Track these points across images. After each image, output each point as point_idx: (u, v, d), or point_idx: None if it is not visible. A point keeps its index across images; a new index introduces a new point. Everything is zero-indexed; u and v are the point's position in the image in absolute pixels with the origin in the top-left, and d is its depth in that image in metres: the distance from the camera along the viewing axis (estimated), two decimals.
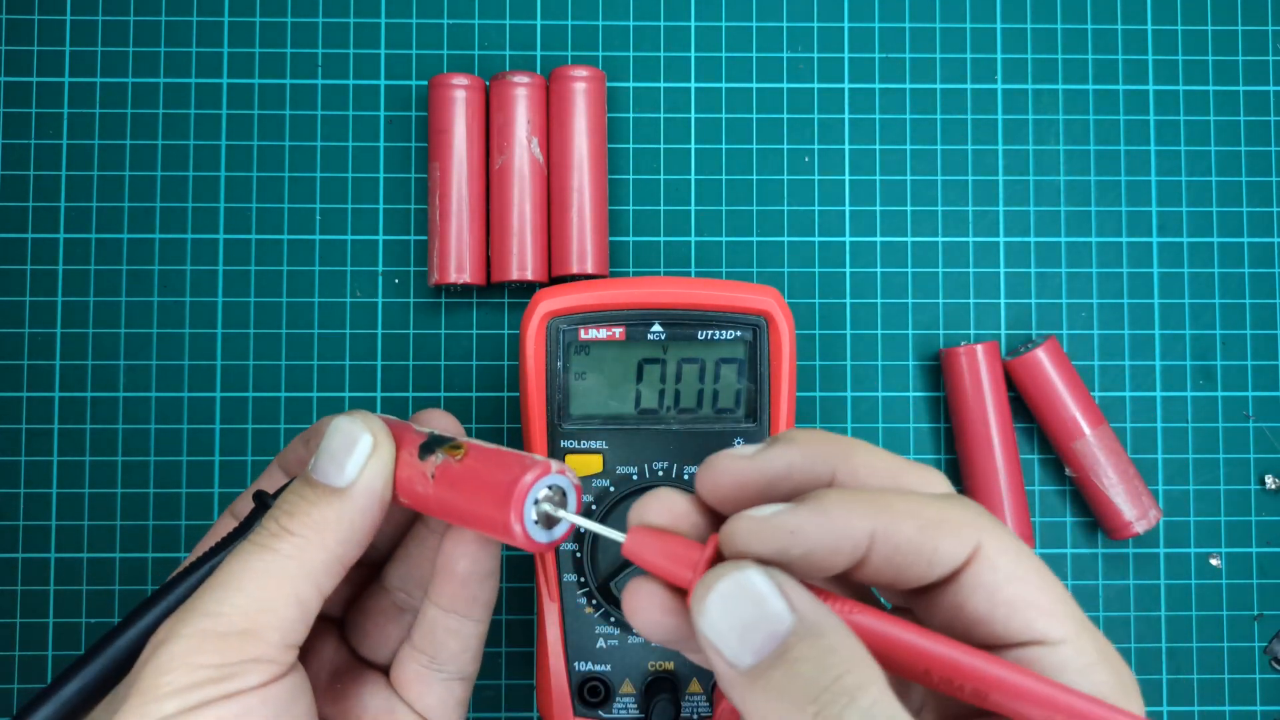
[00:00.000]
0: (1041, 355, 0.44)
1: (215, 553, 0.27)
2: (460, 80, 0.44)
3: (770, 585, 0.21)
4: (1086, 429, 0.44)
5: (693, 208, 0.47)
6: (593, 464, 0.36)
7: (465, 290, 0.46)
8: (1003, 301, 0.47)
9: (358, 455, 0.27)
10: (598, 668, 0.37)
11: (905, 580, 0.23)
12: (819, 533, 0.22)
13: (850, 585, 0.25)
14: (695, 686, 0.37)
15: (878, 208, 0.47)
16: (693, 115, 0.47)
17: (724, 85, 0.47)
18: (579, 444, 0.36)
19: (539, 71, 0.47)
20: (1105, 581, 0.46)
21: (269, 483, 0.31)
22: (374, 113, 0.47)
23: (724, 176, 0.47)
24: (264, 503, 0.28)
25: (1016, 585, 0.22)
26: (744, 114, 0.47)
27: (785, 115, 0.47)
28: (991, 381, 0.44)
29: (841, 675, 0.20)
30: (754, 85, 0.47)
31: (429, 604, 0.29)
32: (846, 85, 0.47)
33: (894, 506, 0.22)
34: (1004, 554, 0.22)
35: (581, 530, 0.36)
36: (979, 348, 0.44)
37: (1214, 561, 0.46)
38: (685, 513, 0.24)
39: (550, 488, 0.26)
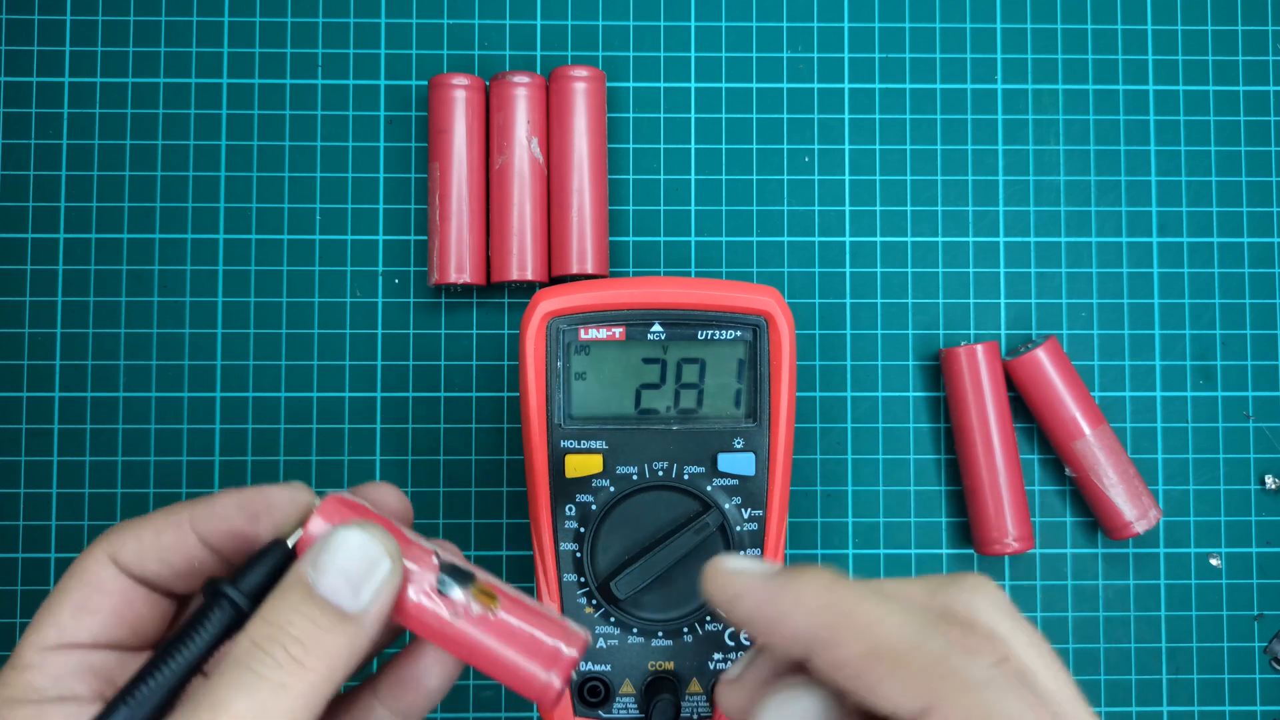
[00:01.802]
0: (1041, 355, 0.44)
1: (192, 653, 0.24)
2: (460, 80, 0.44)
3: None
4: (1086, 429, 0.44)
5: (693, 208, 0.47)
6: (593, 464, 0.36)
7: (465, 290, 0.46)
8: (1003, 301, 0.47)
9: (375, 581, 0.24)
10: (598, 668, 0.37)
11: (858, 703, 0.20)
12: (754, 611, 0.21)
13: None
14: (695, 686, 0.37)
15: (878, 208, 0.47)
16: (693, 115, 0.47)
17: (724, 85, 0.47)
18: (579, 444, 0.36)
19: (539, 71, 0.47)
20: (1105, 581, 0.46)
21: (171, 533, 0.26)
22: (374, 113, 0.47)
23: (724, 176, 0.47)
24: (234, 603, 0.25)
25: None
26: (744, 114, 0.47)
27: (785, 115, 0.47)
28: (991, 381, 0.44)
29: None
30: (754, 85, 0.47)
31: (376, 703, 0.28)
32: (846, 85, 0.47)
33: (851, 622, 0.20)
34: None
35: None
36: (979, 348, 0.44)
37: (1214, 561, 0.46)
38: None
39: None
